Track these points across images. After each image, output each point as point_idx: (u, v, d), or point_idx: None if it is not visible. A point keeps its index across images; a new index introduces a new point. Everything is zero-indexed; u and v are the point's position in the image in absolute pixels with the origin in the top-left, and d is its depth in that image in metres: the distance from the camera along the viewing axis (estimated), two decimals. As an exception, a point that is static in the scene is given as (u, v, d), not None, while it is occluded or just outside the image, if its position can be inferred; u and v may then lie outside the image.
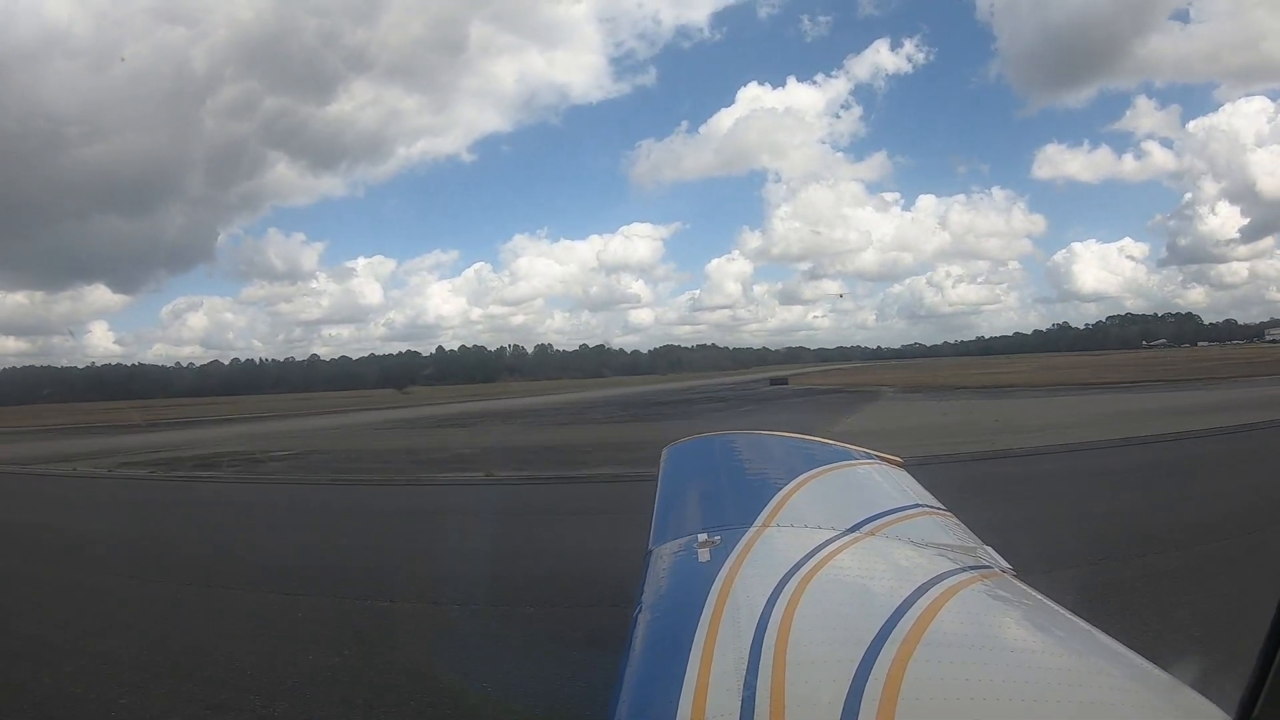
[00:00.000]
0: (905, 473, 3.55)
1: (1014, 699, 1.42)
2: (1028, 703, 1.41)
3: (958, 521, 2.76)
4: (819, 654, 1.61)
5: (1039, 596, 2.02)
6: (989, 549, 2.46)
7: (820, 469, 3.31)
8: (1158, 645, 1.77)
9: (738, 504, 2.91)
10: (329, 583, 8.83)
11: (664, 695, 1.50)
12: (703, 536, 2.44)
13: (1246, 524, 9.01)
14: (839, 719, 1.33)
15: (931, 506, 2.95)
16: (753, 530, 2.46)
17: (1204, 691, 1.41)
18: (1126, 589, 6.88)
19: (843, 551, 2.26)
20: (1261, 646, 1.01)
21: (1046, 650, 1.75)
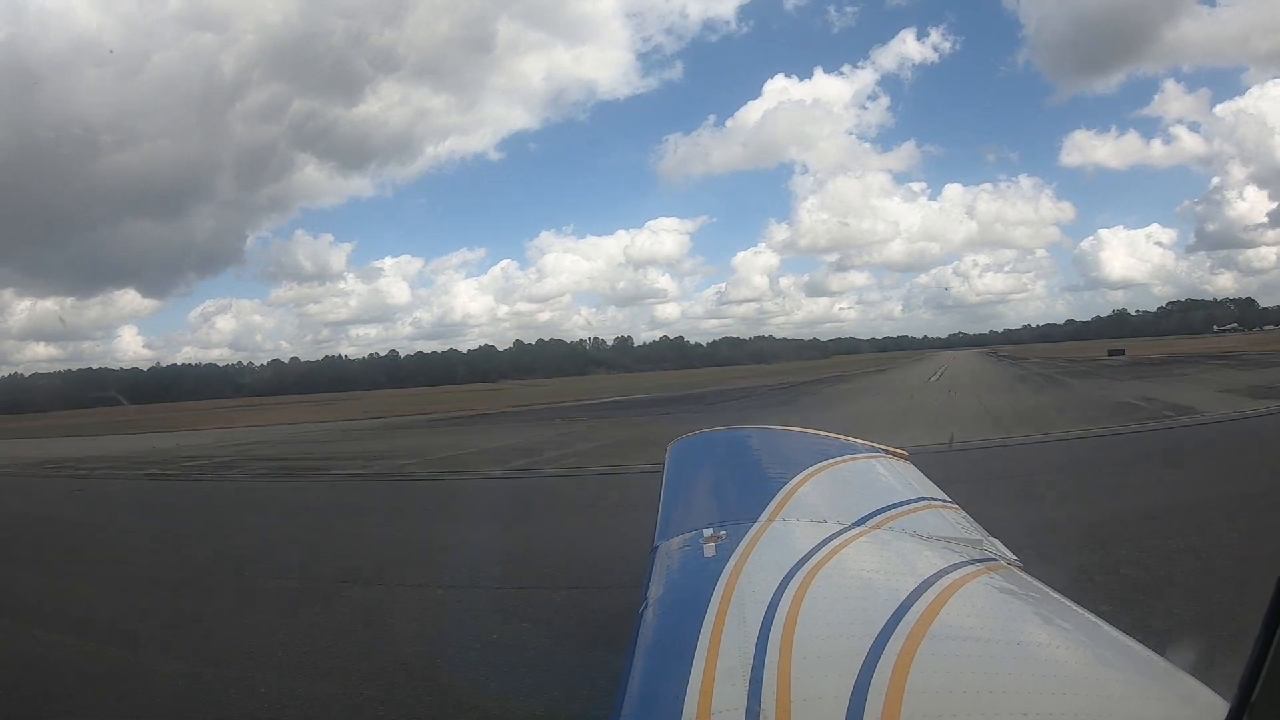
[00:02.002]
0: (911, 465, 3.55)
1: (1019, 692, 1.41)
2: (1033, 695, 1.41)
3: (964, 514, 2.76)
4: (825, 648, 1.61)
5: (1046, 589, 2.02)
6: (995, 541, 2.45)
7: (826, 463, 3.30)
8: None
9: (743, 499, 2.91)
10: None
11: (670, 691, 1.51)
12: (708, 531, 2.44)
13: None
14: (845, 713, 1.34)
15: (937, 499, 2.94)
16: (758, 525, 2.46)
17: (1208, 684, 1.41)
18: None
19: (849, 545, 2.26)
20: (1259, 632, 1.00)
21: (1053, 643, 1.74)
